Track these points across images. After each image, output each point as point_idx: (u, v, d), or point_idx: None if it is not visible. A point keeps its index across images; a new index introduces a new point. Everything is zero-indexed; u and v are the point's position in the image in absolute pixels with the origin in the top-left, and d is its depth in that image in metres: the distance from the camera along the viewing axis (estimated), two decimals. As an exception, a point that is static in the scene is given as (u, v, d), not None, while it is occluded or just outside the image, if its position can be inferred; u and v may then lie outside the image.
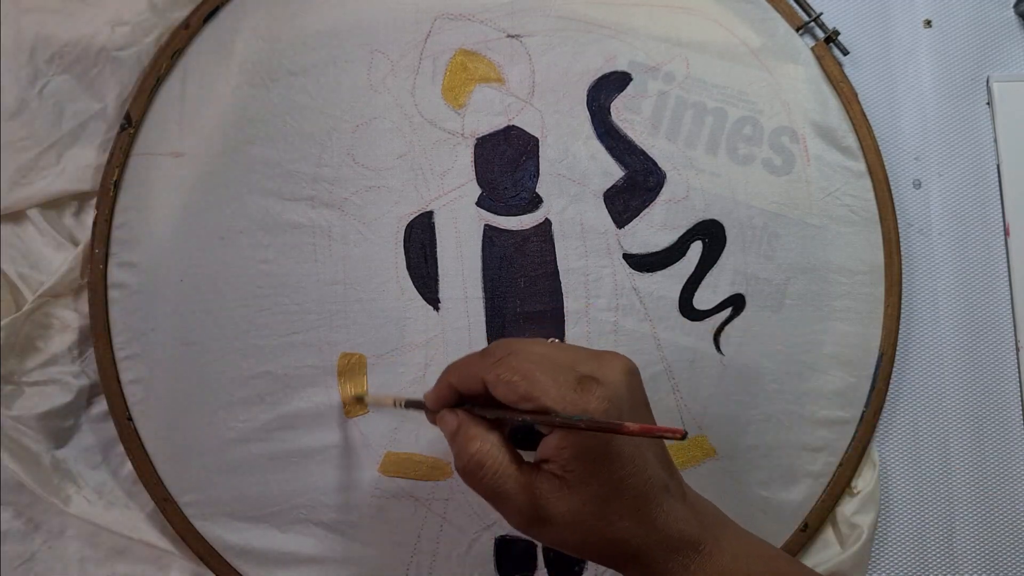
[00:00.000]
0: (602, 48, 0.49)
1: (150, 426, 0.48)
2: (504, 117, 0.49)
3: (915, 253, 0.51)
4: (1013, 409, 0.51)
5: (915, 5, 0.53)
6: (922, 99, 0.53)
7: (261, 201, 0.48)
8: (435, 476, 0.47)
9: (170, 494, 0.48)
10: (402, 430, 0.47)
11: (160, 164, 0.49)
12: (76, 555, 0.49)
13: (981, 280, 0.51)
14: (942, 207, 0.52)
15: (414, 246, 0.48)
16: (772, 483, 0.49)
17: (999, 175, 0.52)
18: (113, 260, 0.49)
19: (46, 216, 0.50)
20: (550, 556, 0.47)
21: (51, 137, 0.49)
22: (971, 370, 0.51)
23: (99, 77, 0.49)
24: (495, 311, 0.48)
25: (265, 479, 0.48)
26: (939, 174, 0.52)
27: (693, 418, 0.48)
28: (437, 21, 0.49)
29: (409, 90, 0.49)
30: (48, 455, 0.49)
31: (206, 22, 0.50)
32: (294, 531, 0.48)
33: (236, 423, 0.48)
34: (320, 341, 0.48)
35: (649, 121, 0.49)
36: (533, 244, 0.48)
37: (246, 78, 0.49)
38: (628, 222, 0.49)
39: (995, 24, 0.53)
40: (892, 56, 0.53)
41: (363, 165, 0.48)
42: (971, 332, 0.51)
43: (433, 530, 0.47)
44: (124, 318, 0.48)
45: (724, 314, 0.49)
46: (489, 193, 0.48)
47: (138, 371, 0.48)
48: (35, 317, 0.49)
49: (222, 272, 0.48)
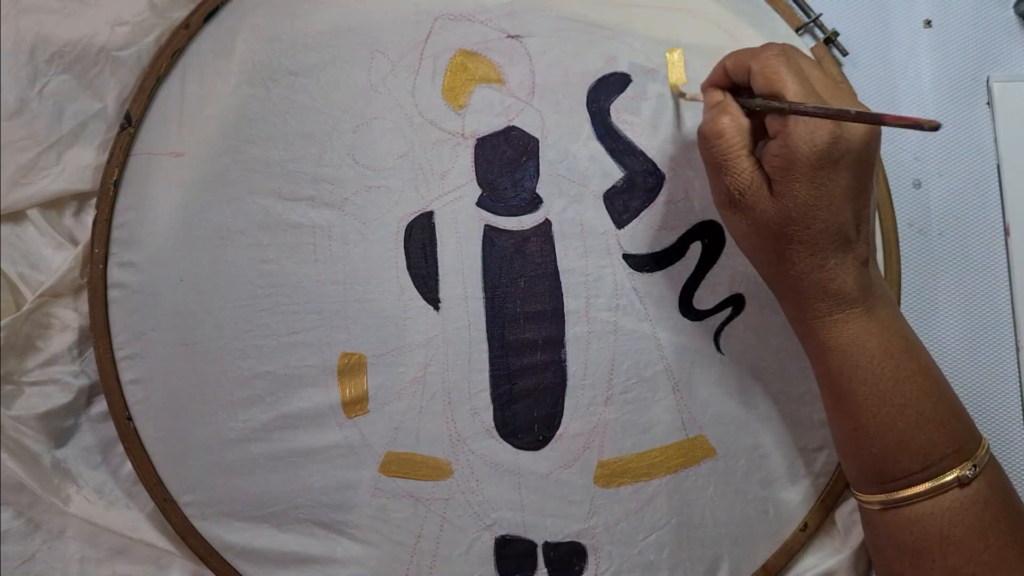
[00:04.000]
0: (602, 49, 0.49)
1: (150, 426, 0.48)
2: (504, 117, 0.49)
3: (914, 253, 0.51)
4: (1013, 409, 0.51)
5: (915, 5, 0.53)
6: (922, 99, 0.53)
7: (261, 201, 0.48)
8: (435, 476, 0.47)
9: (170, 494, 0.48)
10: (402, 430, 0.48)
11: (160, 164, 0.49)
12: (76, 555, 0.49)
13: (981, 280, 0.51)
14: (942, 207, 0.52)
15: (414, 246, 0.48)
16: (772, 483, 0.49)
17: (999, 175, 0.52)
18: (113, 260, 0.49)
19: (46, 216, 0.50)
20: (550, 556, 0.47)
21: (51, 137, 0.49)
22: (971, 370, 0.51)
23: (99, 77, 0.49)
24: (495, 311, 0.48)
25: (265, 479, 0.48)
26: (939, 174, 0.52)
27: (693, 418, 0.48)
28: (437, 21, 0.49)
29: (409, 90, 0.49)
30: (48, 455, 0.49)
31: (206, 22, 0.50)
32: (294, 531, 0.48)
33: (236, 423, 0.48)
34: (320, 341, 0.48)
35: (649, 122, 0.49)
36: (533, 244, 0.48)
37: (246, 78, 0.49)
38: (628, 222, 0.49)
39: (995, 24, 0.53)
40: (892, 56, 0.53)
41: (363, 165, 0.48)
42: (971, 332, 0.51)
43: (433, 530, 0.47)
44: (124, 318, 0.48)
45: (724, 314, 0.49)
46: (489, 193, 0.48)
47: (138, 371, 0.48)
48: (35, 317, 0.49)
49: (222, 272, 0.48)
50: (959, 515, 0.38)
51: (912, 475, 0.39)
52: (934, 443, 0.39)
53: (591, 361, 0.48)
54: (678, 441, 0.48)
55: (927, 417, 0.39)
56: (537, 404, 0.48)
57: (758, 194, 0.38)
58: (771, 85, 0.38)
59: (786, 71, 0.38)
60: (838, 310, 0.39)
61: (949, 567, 0.38)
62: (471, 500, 0.47)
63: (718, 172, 0.40)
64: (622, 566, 0.47)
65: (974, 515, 0.38)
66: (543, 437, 0.48)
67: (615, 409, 0.48)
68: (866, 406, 0.39)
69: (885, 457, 0.39)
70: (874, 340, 0.39)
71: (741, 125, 0.39)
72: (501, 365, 0.48)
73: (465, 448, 0.47)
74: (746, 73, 0.40)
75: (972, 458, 0.39)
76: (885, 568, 0.42)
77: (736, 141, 0.39)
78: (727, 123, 0.39)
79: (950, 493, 0.38)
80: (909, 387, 0.39)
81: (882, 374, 0.39)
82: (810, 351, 0.42)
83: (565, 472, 0.47)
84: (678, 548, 0.48)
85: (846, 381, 0.40)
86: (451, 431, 0.47)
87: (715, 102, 0.41)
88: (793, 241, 0.38)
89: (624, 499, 0.48)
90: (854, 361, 0.39)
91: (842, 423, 0.41)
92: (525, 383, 0.48)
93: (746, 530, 0.48)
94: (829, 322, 0.39)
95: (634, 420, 0.48)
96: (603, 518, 0.47)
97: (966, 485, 0.38)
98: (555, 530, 0.47)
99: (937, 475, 0.38)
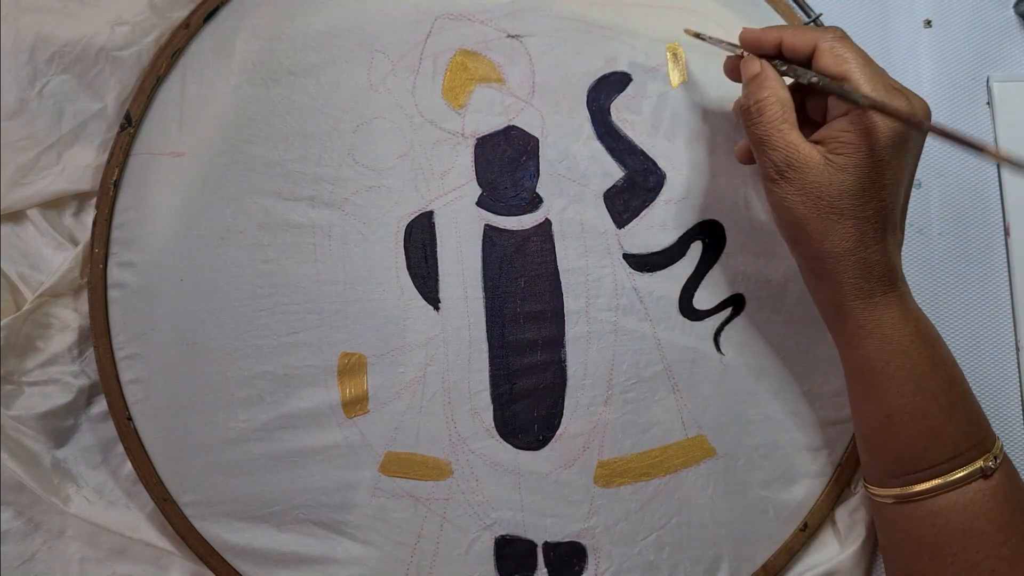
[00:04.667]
0: (602, 49, 0.49)
1: (150, 426, 0.48)
2: (504, 117, 0.49)
3: (914, 253, 0.51)
4: (1013, 409, 0.51)
5: (915, 5, 0.53)
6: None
7: (261, 201, 0.48)
8: (435, 476, 0.47)
9: (170, 494, 0.48)
10: (402, 430, 0.48)
11: (160, 164, 0.49)
12: (76, 555, 0.49)
13: (981, 280, 0.51)
14: (942, 207, 0.52)
15: (414, 246, 0.48)
16: (772, 483, 0.49)
17: (999, 175, 0.52)
18: (113, 260, 0.49)
19: (46, 216, 0.50)
20: (550, 556, 0.47)
21: (51, 137, 0.49)
22: (971, 370, 0.50)
23: (99, 77, 0.49)
24: (495, 311, 0.48)
25: (265, 479, 0.48)
26: (939, 174, 0.52)
27: (693, 418, 0.48)
28: (437, 21, 0.49)
29: (409, 90, 0.49)
30: (48, 455, 0.49)
31: (206, 22, 0.50)
32: (294, 531, 0.48)
33: (236, 423, 0.48)
34: (320, 341, 0.48)
35: (649, 122, 0.49)
36: (533, 244, 0.48)
37: (246, 78, 0.49)
38: (628, 222, 0.49)
39: (995, 24, 0.53)
40: (892, 56, 0.53)
41: (363, 165, 0.48)
42: (971, 332, 0.51)
43: (433, 530, 0.47)
44: (124, 318, 0.48)
45: (724, 314, 0.49)
46: (489, 193, 0.48)
47: (138, 371, 0.48)
48: (35, 317, 0.49)
49: (222, 272, 0.48)
50: (982, 507, 0.38)
51: (938, 465, 0.39)
52: (963, 433, 0.39)
53: (591, 361, 0.48)
54: (678, 441, 0.48)
55: (958, 407, 0.39)
56: (537, 404, 0.48)
57: (808, 165, 0.38)
58: (841, 64, 0.38)
59: (855, 55, 0.38)
60: (879, 291, 0.39)
61: (969, 562, 0.38)
62: (471, 500, 0.47)
63: (762, 147, 0.39)
64: (622, 566, 0.47)
65: (996, 506, 0.38)
66: (543, 437, 0.48)
67: (615, 409, 0.48)
68: (903, 392, 0.39)
69: (914, 447, 0.39)
70: (911, 325, 0.39)
71: (782, 99, 0.39)
72: (501, 365, 0.48)
73: (465, 448, 0.47)
74: (809, 49, 0.39)
75: (992, 449, 0.39)
76: (900, 566, 0.42)
77: (778, 115, 0.39)
78: (768, 98, 0.39)
79: (974, 484, 0.38)
80: (942, 374, 0.39)
81: (920, 359, 0.39)
82: (845, 336, 0.41)
83: (565, 472, 0.47)
84: (678, 548, 0.48)
85: (883, 365, 0.39)
86: (451, 431, 0.47)
87: (753, 73, 0.41)
88: (845, 216, 0.38)
89: (624, 499, 0.48)
90: (894, 345, 0.39)
91: (872, 412, 0.40)
92: (525, 383, 0.48)
93: (746, 530, 0.48)
94: (871, 304, 0.39)
95: (634, 420, 0.48)
96: (603, 518, 0.47)
97: (989, 476, 0.38)
98: (555, 530, 0.47)
99: (963, 465, 0.38)
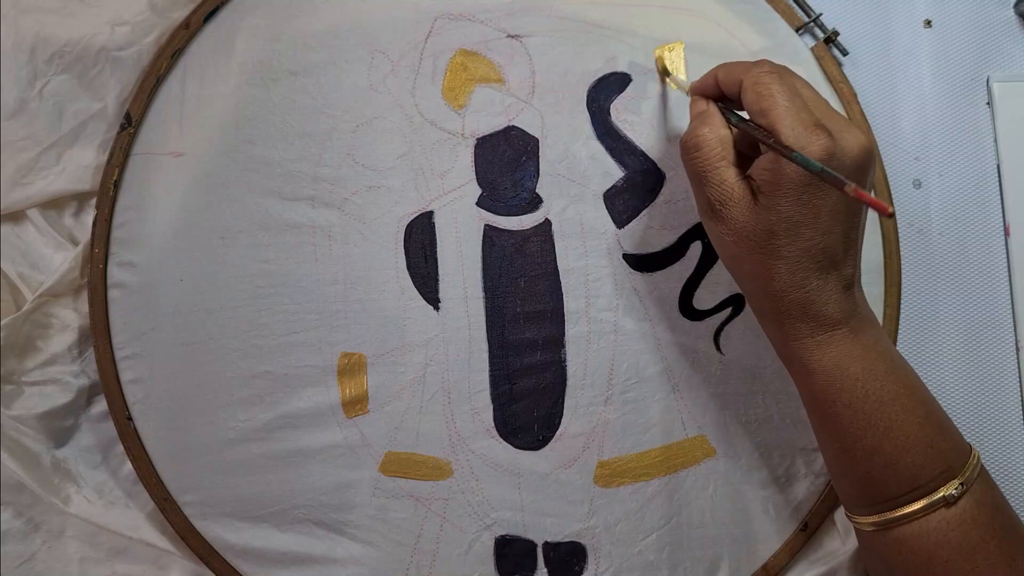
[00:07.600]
0: (602, 49, 0.49)
1: (150, 426, 0.48)
2: (504, 117, 0.49)
3: (915, 253, 0.51)
4: (1013, 409, 0.51)
5: (915, 5, 0.53)
6: (922, 99, 0.53)
7: (261, 201, 0.48)
8: (435, 476, 0.47)
9: (170, 494, 0.48)
10: (402, 430, 0.48)
11: (160, 164, 0.49)
12: (76, 555, 0.49)
13: (981, 280, 0.51)
14: (942, 207, 0.52)
15: (414, 246, 0.48)
16: (772, 483, 0.49)
17: (999, 175, 0.52)
18: (113, 260, 0.49)
19: (46, 216, 0.50)
20: (550, 556, 0.47)
21: (51, 137, 0.49)
22: (971, 370, 0.51)
23: (99, 77, 0.49)
24: (495, 311, 0.48)
25: (265, 479, 0.48)
26: (939, 174, 0.52)
27: (693, 418, 0.48)
28: (437, 21, 0.49)
29: (409, 90, 0.49)
30: (48, 455, 0.49)
31: (206, 22, 0.50)
32: (294, 531, 0.48)
33: (236, 423, 0.48)
34: (320, 341, 0.48)
35: (649, 122, 0.49)
36: (533, 244, 0.48)
37: (246, 78, 0.49)
38: (628, 222, 0.49)
39: (995, 24, 0.53)
40: (892, 56, 0.53)
41: (363, 165, 0.48)
42: (971, 332, 0.51)
43: (433, 530, 0.47)
44: (124, 318, 0.48)
45: (724, 314, 0.49)
46: (489, 193, 0.48)
47: (138, 371, 0.48)
48: (35, 317, 0.49)
49: (222, 272, 0.48)
50: (945, 536, 0.37)
51: (898, 497, 0.38)
52: (921, 465, 0.38)
53: (591, 361, 0.48)
54: (678, 441, 0.48)
55: (913, 439, 0.38)
56: (537, 404, 0.48)
57: (740, 205, 0.38)
58: (760, 102, 0.37)
59: (778, 89, 0.37)
60: (820, 332, 0.38)
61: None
62: (471, 500, 0.47)
63: (699, 182, 0.39)
64: (622, 566, 0.47)
65: (960, 535, 0.37)
66: (543, 437, 0.48)
67: (615, 409, 0.48)
68: (851, 429, 0.38)
69: (872, 479, 0.38)
70: (857, 364, 0.38)
71: (721, 136, 0.39)
72: (501, 365, 0.48)
73: (465, 448, 0.47)
74: (737, 86, 0.39)
75: (959, 475, 0.38)
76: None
77: (715, 152, 0.38)
78: (707, 134, 0.39)
79: (936, 514, 0.37)
80: (894, 409, 0.38)
81: (866, 397, 0.38)
82: (794, 374, 0.40)
83: (565, 472, 0.47)
84: (678, 548, 0.48)
85: (830, 404, 0.39)
86: (451, 431, 0.47)
87: (698, 111, 0.41)
88: (775, 256, 0.37)
89: (624, 499, 0.48)
90: (838, 384, 0.38)
91: (829, 445, 0.40)
92: (525, 383, 0.48)
93: (746, 530, 0.48)
94: (811, 344, 0.38)
95: (634, 420, 0.48)
96: (603, 518, 0.47)
97: (952, 504, 0.37)
98: (555, 530, 0.47)
99: (923, 496, 0.38)
